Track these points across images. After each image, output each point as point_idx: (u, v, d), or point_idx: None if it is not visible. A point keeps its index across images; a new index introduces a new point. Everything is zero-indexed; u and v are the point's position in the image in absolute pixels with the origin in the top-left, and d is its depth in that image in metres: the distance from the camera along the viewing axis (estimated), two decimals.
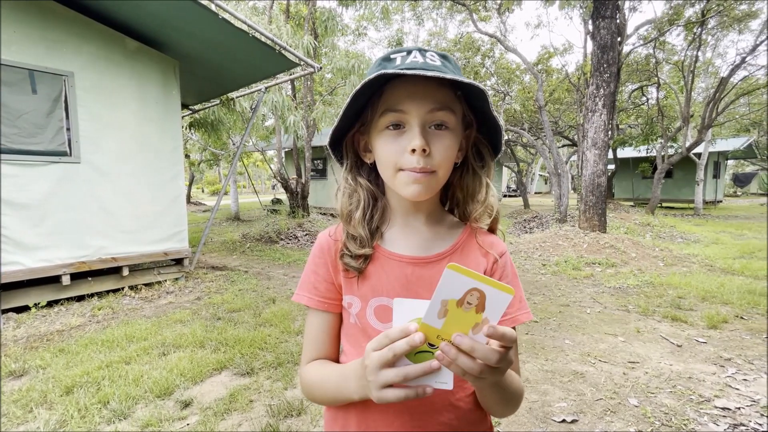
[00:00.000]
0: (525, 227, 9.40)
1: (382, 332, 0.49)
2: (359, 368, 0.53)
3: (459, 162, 0.67)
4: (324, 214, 11.03)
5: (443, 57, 0.60)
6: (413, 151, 0.57)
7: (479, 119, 0.66)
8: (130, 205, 4.07)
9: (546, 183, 33.83)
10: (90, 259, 3.76)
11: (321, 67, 5.18)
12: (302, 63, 4.83)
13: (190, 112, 7.25)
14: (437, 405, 0.62)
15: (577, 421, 1.96)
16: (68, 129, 3.63)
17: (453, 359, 0.44)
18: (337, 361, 0.70)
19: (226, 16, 3.76)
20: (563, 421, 1.96)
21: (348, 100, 0.58)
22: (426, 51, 0.59)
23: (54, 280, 3.60)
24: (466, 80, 0.54)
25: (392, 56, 0.60)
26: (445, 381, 0.48)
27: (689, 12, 10.66)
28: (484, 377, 0.45)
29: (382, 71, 0.54)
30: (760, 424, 1.90)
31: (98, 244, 3.83)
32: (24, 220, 3.39)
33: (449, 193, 0.72)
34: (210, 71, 5.15)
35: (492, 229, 0.71)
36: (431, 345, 0.47)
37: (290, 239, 7.64)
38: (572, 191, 14.97)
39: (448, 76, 0.54)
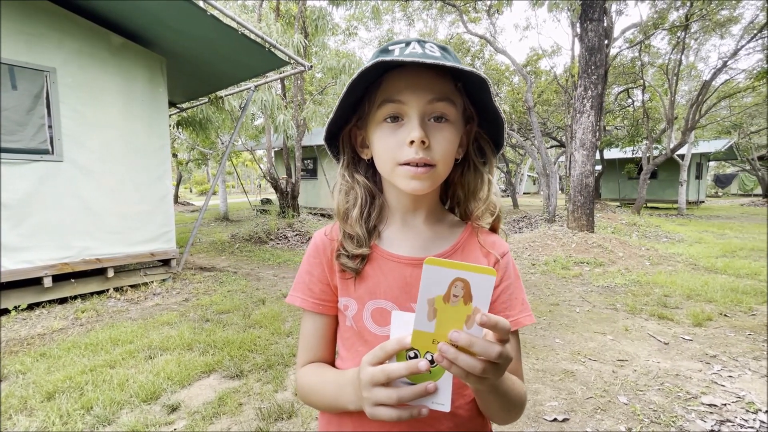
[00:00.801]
0: (514, 227, 9.48)
1: (379, 342, 0.47)
2: (356, 379, 0.51)
3: (459, 159, 0.65)
4: (314, 214, 10.95)
5: (443, 48, 0.58)
6: (412, 142, 0.55)
7: (480, 113, 0.64)
8: (115, 204, 3.97)
9: (535, 183, 34.25)
10: (73, 260, 3.66)
11: (311, 66, 5.14)
12: (292, 62, 4.78)
13: (178, 110, 7.13)
14: (435, 413, 0.59)
15: (568, 419, 1.97)
16: (50, 126, 3.52)
17: (453, 359, 0.42)
18: (332, 364, 0.68)
19: (215, 13, 3.69)
20: (555, 420, 1.97)
21: (345, 89, 0.56)
22: (425, 42, 0.58)
23: (35, 282, 3.49)
24: (467, 68, 0.52)
25: (390, 47, 0.58)
26: (443, 402, 0.46)
27: (673, 16, 10.91)
28: (487, 376, 0.43)
29: (381, 59, 0.52)
30: (746, 420, 1.94)
31: (82, 245, 3.72)
32: (3, 220, 3.27)
33: (449, 192, 0.70)
34: (198, 69, 5.06)
35: (494, 228, 0.69)
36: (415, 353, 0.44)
37: (280, 239, 7.57)
38: (561, 191, 15.18)
39: (449, 64, 0.52)
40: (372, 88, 0.59)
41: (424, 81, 0.56)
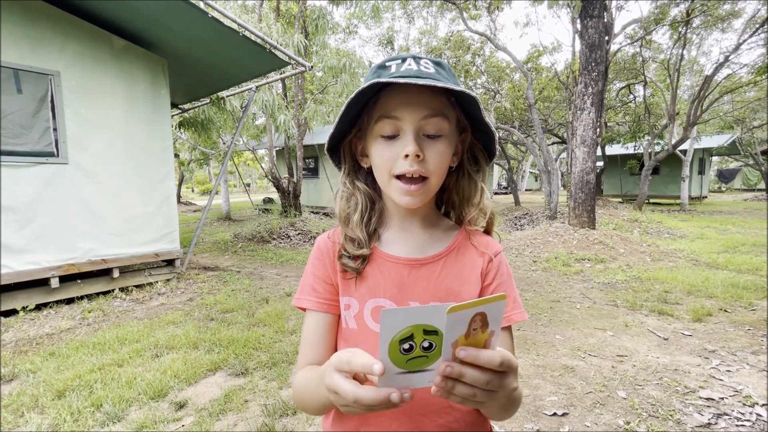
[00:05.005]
0: (516, 224, 9.50)
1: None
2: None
3: (454, 166, 0.68)
4: (316, 212, 10.99)
5: (437, 64, 0.61)
6: (407, 156, 0.59)
7: (473, 124, 0.66)
8: (119, 206, 4.02)
9: (536, 180, 34.16)
10: (79, 261, 3.71)
11: (312, 66, 5.16)
12: (293, 62, 4.81)
13: (180, 111, 7.17)
14: (435, 407, 0.62)
15: (567, 414, 2.01)
16: (55, 129, 3.57)
17: (458, 375, 0.40)
18: None
19: (215, 14, 3.72)
20: (554, 414, 2.00)
21: (343, 108, 0.60)
22: (420, 59, 0.60)
23: (42, 283, 3.55)
24: (458, 88, 0.56)
25: (387, 63, 0.61)
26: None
27: (674, 11, 10.85)
28: (493, 389, 0.42)
29: (376, 80, 0.56)
30: (743, 414, 1.97)
31: (87, 246, 3.78)
32: (10, 223, 3.33)
33: (445, 196, 0.73)
34: (200, 70, 5.09)
35: (488, 231, 0.72)
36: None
37: (283, 239, 7.61)
38: (562, 188, 15.16)
39: (440, 84, 0.55)
40: (369, 103, 0.63)
41: (418, 98, 0.59)
